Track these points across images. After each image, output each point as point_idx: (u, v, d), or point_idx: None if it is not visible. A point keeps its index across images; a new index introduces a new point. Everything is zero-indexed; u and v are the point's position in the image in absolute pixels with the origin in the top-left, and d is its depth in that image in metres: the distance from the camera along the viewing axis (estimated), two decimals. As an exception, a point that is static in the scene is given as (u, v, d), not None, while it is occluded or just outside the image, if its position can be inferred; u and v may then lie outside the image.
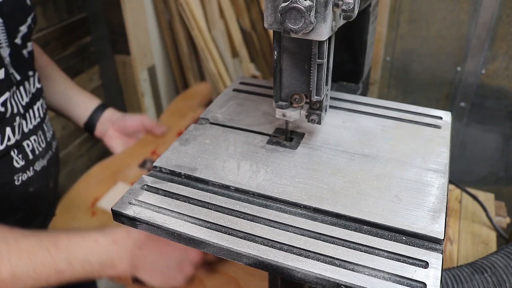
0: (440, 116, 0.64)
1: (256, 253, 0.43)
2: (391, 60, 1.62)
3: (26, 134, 0.71)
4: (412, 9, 1.50)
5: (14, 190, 0.70)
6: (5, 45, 0.66)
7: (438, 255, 0.42)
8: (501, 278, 0.60)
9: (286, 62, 0.51)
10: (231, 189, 0.51)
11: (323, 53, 0.48)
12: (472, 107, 1.57)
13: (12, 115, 0.66)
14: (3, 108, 0.64)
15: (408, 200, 0.49)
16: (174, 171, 0.54)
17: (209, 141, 0.60)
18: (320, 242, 0.44)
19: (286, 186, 0.51)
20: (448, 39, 1.49)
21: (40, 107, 0.76)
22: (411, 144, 0.58)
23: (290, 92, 0.53)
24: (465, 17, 1.43)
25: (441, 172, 0.53)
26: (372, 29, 0.72)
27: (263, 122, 0.63)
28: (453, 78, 1.55)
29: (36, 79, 0.75)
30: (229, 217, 0.47)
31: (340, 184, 0.51)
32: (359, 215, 0.47)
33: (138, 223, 0.48)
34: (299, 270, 0.41)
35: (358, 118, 0.64)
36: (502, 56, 1.44)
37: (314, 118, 0.55)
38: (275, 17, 0.45)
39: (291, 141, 0.59)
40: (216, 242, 0.44)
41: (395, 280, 0.40)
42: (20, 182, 0.71)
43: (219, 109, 0.67)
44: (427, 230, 0.45)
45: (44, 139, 0.77)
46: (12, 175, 0.69)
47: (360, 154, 0.56)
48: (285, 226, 0.46)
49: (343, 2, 0.44)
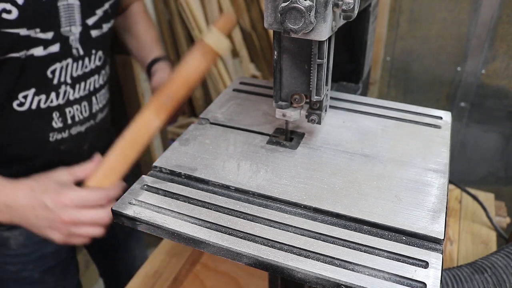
0: (440, 116, 0.64)
1: (256, 253, 0.43)
2: (391, 60, 1.62)
3: (70, 102, 0.81)
4: (412, 9, 1.50)
5: (47, 144, 0.81)
6: (78, 24, 0.77)
7: (438, 255, 0.42)
8: (501, 278, 0.60)
9: (286, 62, 0.51)
10: (231, 189, 0.51)
11: (323, 53, 0.48)
12: (472, 107, 1.57)
13: (59, 83, 0.77)
14: (51, 75, 0.76)
15: (408, 200, 0.49)
16: (174, 171, 0.54)
17: (209, 141, 0.60)
18: (320, 242, 0.44)
19: (286, 186, 0.51)
20: (448, 39, 1.49)
21: (93, 82, 0.85)
22: (411, 144, 0.58)
23: (290, 92, 0.53)
24: (465, 17, 1.43)
25: (441, 172, 0.53)
26: (372, 29, 0.72)
27: (263, 122, 0.63)
28: (453, 78, 1.55)
29: (97, 58, 0.84)
30: (229, 217, 0.47)
31: (340, 184, 0.51)
32: (359, 215, 0.47)
33: (138, 223, 0.48)
34: (299, 270, 0.41)
35: (358, 118, 0.64)
36: (502, 56, 1.44)
37: (314, 118, 0.55)
38: (275, 17, 0.45)
39: (291, 141, 0.59)
40: (216, 242, 0.44)
41: (395, 280, 0.40)
42: (54, 140, 0.81)
43: (219, 109, 0.67)
44: (427, 230, 0.45)
45: (89, 109, 0.85)
46: (48, 132, 0.80)
47: (360, 154, 0.56)
48: (285, 226, 0.46)
49: (343, 2, 0.44)
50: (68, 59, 0.77)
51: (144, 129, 0.77)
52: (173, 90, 0.79)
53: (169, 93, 0.79)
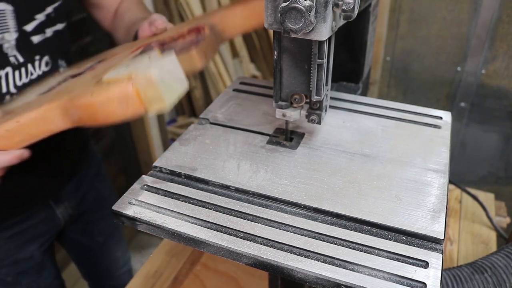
0: (440, 116, 0.64)
1: (256, 253, 0.43)
2: (391, 60, 1.62)
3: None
4: (412, 9, 1.50)
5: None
6: (13, 30, 0.73)
7: (438, 255, 0.42)
8: (501, 278, 0.60)
9: (286, 62, 0.51)
10: (231, 189, 0.51)
11: (323, 53, 0.48)
12: (472, 107, 1.57)
13: (3, 93, 0.73)
14: None
15: (408, 200, 0.49)
16: (174, 171, 0.54)
17: (209, 141, 0.60)
18: (320, 242, 0.44)
19: (286, 186, 0.51)
20: (448, 39, 1.49)
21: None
22: (411, 144, 0.58)
23: (290, 92, 0.53)
24: (465, 17, 1.43)
25: (441, 172, 0.53)
26: (372, 29, 0.72)
27: (263, 122, 0.63)
28: (453, 78, 1.55)
29: (44, 64, 0.80)
30: (229, 217, 0.47)
31: (340, 184, 0.51)
32: (359, 215, 0.47)
33: (138, 223, 0.48)
34: (299, 270, 0.41)
35: (358, 118, 0.64)
36: (502, 56, 1.44)
37: (314, 118, 0.55)
38: (275, 17, 0.45)
39: (291, 141, 0.59)
40: (216, 242, 0.44)
41: (395, 280, 0.40)
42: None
43: (219, 109, 0.67)
44: (427, 230, 0.45)
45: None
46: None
47: (360, 154, 0.56)
48: (285, 226, 0.46)
49: (343, 2, 0.44)
50: (6, 68, 0.73)
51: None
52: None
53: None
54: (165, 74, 0.48)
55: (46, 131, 0.59)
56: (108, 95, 0.49)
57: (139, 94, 0.47)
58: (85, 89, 0.55)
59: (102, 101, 0.50)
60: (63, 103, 0.56)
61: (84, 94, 0.52)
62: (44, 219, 0.88)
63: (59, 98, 0.57)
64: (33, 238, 0.87)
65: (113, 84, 0.50)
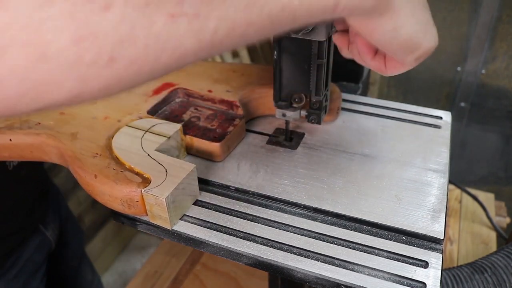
0: (440, 116, 0.64)
1: (256, 253, 0.43)
2: (391, 60, 1.62)
3: None
4: (412, 9, 1.50)
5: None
6: None
7: (438, 255, 0.42)
8: (501, 278, 0.60)
9: (286, 62, 0.51)
10: (231, 189, 0.51)
11: (323, 53, 0.48)
12: (472, 107, 1.57)
13: None
14: None
15: (408, 200, 0.49)
16: (174, 171, 0.54)
17: (209, 141, 0.60)
18: (320, 242, 0.44)
19: (286, 186, 0.51)
20: (448, 39, 1.49)
21: None
22: (411, 144, 0.58)
23: (290, 92, 0.53)
24: (465, 17, 1.43)
25: (441, 172, 0.53)
26: (372, 29, 0.72)
27: (263, 122, 0.63)
28: (453, 78, 1.55)
29: None
30: (229, 217, 0.47)
31: (340, 184, 0.51)
32: (359, 215, 0.47)
33: (138, 223, 0.48)
34: (299, 270, 0.41)
35: (358, 118, 0.64)
36: (502, 56, 1.44)
37: (314, 118, 0.55)
38: (275, 17, 0.45)
39: (291, 141, 0.59)
40: (216, 242, 0.44)
41: (395, 280, 0.40)
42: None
43: (219, 109, 0.67)
44: (427, 230, 0.45)
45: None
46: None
47: (360, 154, 0.56)
48: (285, 226, 0.46)
49: (343, 2, 0.44)
50: None
51: None
52: None
53: None
54: (179, 193, 0.45)
55: (38, 158, 0.54)
56: (112, 192, 0.45)
57: (144, 206, 0.45)
58: (89, 149, 0.49)
59: (104, 191, 0.46)
60: (63, 150, 0.51)
61: (87, 166, 0.47)
62: (38, 246, 0.85)
63: (61, 137, 0.52)
64: (34, 272, 0.84)
65: (121, 178, 0.45)
